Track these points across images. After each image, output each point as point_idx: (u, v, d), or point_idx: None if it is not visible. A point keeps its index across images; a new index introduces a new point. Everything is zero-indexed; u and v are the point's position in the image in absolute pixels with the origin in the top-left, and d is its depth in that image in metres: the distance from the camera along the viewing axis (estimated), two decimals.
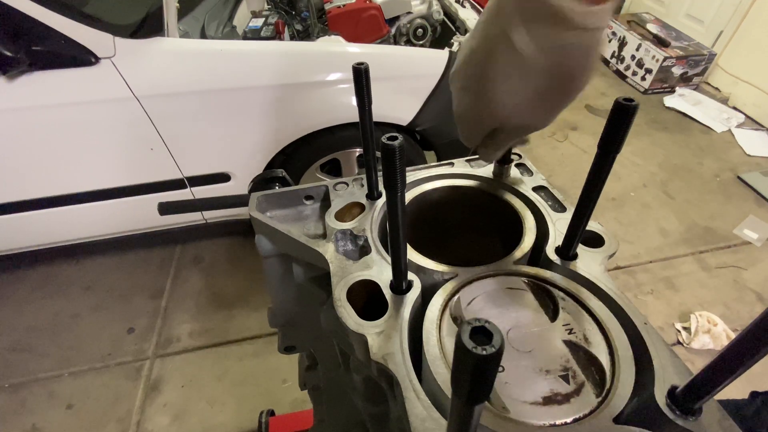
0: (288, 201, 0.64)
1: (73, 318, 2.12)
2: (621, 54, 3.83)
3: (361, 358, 0.45)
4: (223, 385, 1.87)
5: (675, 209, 2.64)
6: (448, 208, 0.63)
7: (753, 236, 2.44)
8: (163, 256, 2.39)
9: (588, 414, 0.36)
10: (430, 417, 0.36)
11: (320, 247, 0.53)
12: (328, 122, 1.78)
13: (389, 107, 1.81)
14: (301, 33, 2.27)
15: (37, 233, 1.96)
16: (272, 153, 1.85)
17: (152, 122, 1.62)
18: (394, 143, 0.33)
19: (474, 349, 0.19)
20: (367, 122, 0.54)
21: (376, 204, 0.59)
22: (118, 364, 1.95)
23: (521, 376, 0.38)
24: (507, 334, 0.42)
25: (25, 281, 2.29)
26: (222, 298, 2.19)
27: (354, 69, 0.49)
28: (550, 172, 2.89)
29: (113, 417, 1.77)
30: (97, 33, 1.44)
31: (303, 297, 0.68)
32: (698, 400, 0.33)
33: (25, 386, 1.88)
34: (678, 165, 2.96)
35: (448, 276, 0.48)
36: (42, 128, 1.57)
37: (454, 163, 0.67)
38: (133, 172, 1.79)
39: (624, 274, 2.29)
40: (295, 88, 1.69)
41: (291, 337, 0.80)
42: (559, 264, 0.48)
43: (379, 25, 2.39)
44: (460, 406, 0.23)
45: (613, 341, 0.40)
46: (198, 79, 1.59)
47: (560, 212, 0.56)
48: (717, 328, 1.94)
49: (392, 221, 0.39)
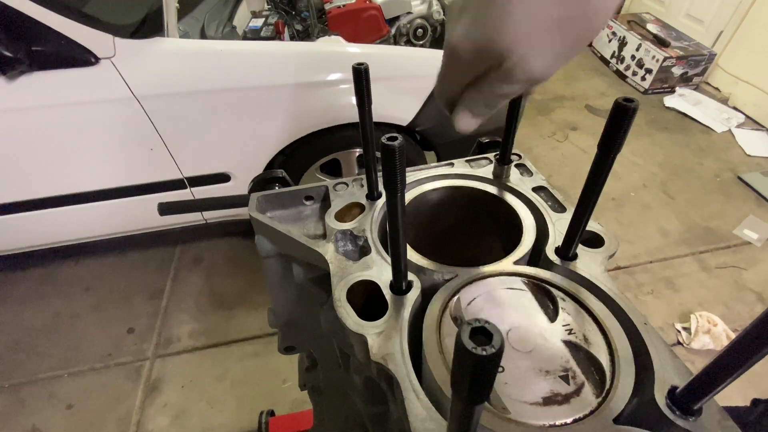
0: (288, 201, 0.64)
1: (73, 318, 2.12)
2: (621, 54, 3.83)
3: (361, 358, 0.45)
4: (223, 385, 1.87)
5: (675, 209, 2.64)
6: (448, 208, 0.63)
7: (753, 236, 2.44)
8: (163, 257, 2.39)
9: (588, 414, 0.36)
10: (430, 417, 0.36)
11: (320, 248, 0.53)
12: (328, 122, 1.78)
13: (389, 107, 1.81)
14: (301, 33, 2.27)
15: (37, 233, 1.96)
16: (272, 153, 1.85)
17: (152, 122, 1.62)
18: (394, 143, 0.33)
19: (474, 349, 0.19)
20: (367, 122, 0.54)
21: (376, 204, 0.59)
22: (118, 365, 1.95)
23: (521, 376, 0.38)
24: (507, 335, 0.42)
25: (25, 281, 2.28)
26: (222, 298, 2.19)
27: (354, 69, 0.49)
28: (550, 172, 2.89)
29: (113, 417, 1.77)
30: (97, 33, 1.44)
31: (303, 297, 0.68)
32: (698, 400, 0.33)
33: (25, 386, 1.88)
34: (678, 165, 2.96)
35: (448, 276, 0.48)
36: (42, 128, 1.57)
37: (454, 163, 0.67)
38: (133, 172, 1.79)
39: (624, 274, 2.29)
40: (295, 88, 1.69)
41: (291, 337, 0.80)
42: (559, 264, 0.48)
43: (379, 25, 2.39)
44: (460, 406, 0.23)
45: (613, 341, 0.40)
46: (198, 79, 1.59)
47: (560, 212, 0.56)
48: (717, 328, 1.94)
49: (392, 221, 0.39)
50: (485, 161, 0.67)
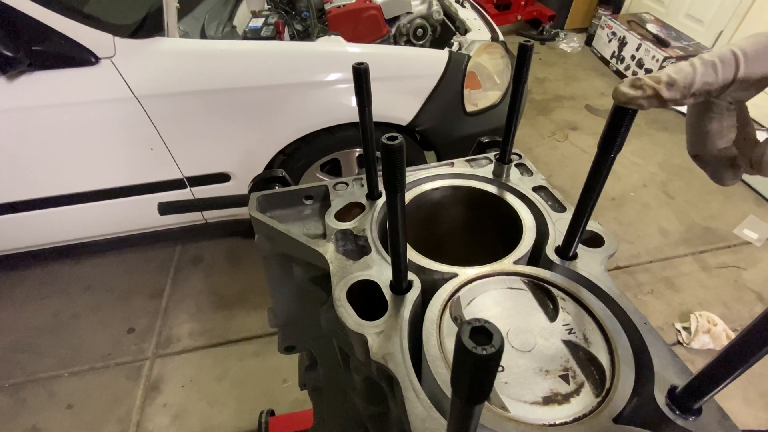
0: (288, 201, 0.64)
1: (73, 318, 2.12)
2: (621, 54, 3.83)
3: (361, 358, 0.45)
4: (223, 385, 1.87)
5: (675, 209, 2.64)
6: (448, 208, 0.63)
7: (753, 236, 2.44)
8: (163, 256, 2.39)
9: (588, 414, 0.36)
10: (430, 417, 0.36)
11: (320, 247, 0.53)
12: (328, 122, 1.78)
13: (389, 107, 1.81)
14: (301, 33, 2.27)
15: (37, 233, 1.96)
16: (272, 153, 1.85)
17: (152, 122, 1.62)
18: (394, 143, 0.33)
19: (474, 349, 0.19)
20: (367, 122, 0.54)
21: (376, 204, 0.59)
22: (118, 364, 1.95)
23: (521, 376, 0.38)
24: (507, 334, 0.42)
25: (25, 281, 2.28)
26: (222, 298, 2.19)
27: (354, 69, 0.49)
28: (550, 172, 2.89)
29: (113, 417, 1.77)
30: (97, 33, 1.44)
31: (303, 297, 0.68)
32: (698, 400, 0.33)
33: (25, 386, 1.88)
34: (678, 165, 2.96)
35: (448, 276, 0.48)
36: (42, 128, 1.57)
37: (454, 163, 0.67)
38: (133, 172, 1.79)
39: (624, 274, 2.29)
40: (295, 88, 1.69)
41: (291, 337, 0.80)
42: (559, 264, 0.48)
43: (379, 25, 2.39)
44: (460, 406, 0.23)
45: (613, 341, 0.40)
46: (198, 79, 1.59)
47: (560, 212, 0.56)
48: (717, 328, 1.94)
49: (392, 221, 0.39)
50: (485, 161, 0.67)
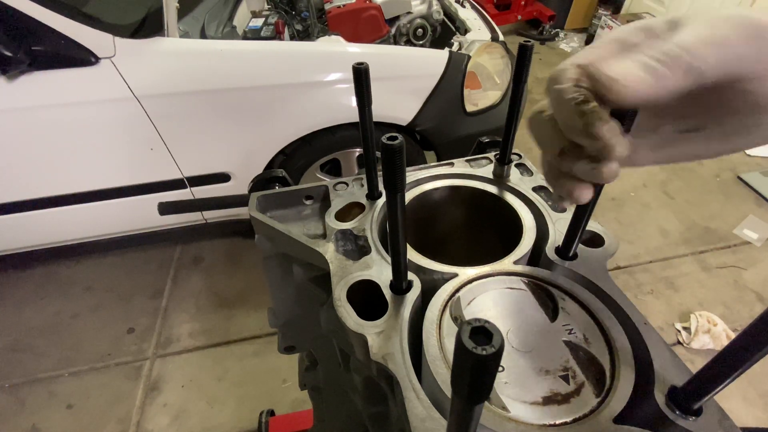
0: (288, 201, 0.64)
1: (73, 318, 2.12)
2: None
3: (361, 358, 0.45)
4: (223, 385, 1.87)
5: (675, 209, 2.64)
6: (448, 208, 0.63)
7: (753, 236, 2.44)
8: (163, 256, 2.39)
9: (588, 414, 0.36)
10: (430, 417, 0.36)
11: (320, 247, 0.53)
12: (328, 122, 1.78)
13: (389, 107, 1.81)
14: (301, 33, 2.27)
15: (37, 233, 1.96)
16: (272, 153, 1.85)
17: (152, 122, 1.62)
18: (394, 143, 0.33)
19: (474, 349, 0.19)
20: (367, 122, 0.54)
21: (376, 204, 0.59)
22: (118, 364, 1.95)
23: (521, 376, 0.38)
24: (507, 334, 0.42)
25: (25, 281, 2.28)
26: (222, 298, 2.19)
27: (354, 69, 0.49)
28: None
29: (113, 417, 1.77)
30: (97, 33, 1.44)
31: (303, 297, 0.68)
32: (698, 400, 0.33)
33: (25, 386, 1.88)
34: (678, 165, 2.95)
35: (448, 276, 0.48)
36: (42, 128, 1.57)
37: (454, 163, 0.67)
38: (133, 172, 1.79)
39: (624, 274, 2.29)
40: (295, 88, 1.69)
41: (291, 337, 0.80)
42: (559, 264, 0.48)
43: (379, 25, 2.39)
44: (460, 406, 0.23)
45: (613, 341, 0.40)
46: (198, 79, 1.59)
47: (560, 212, 0.56)
48: (717, 328, 1.94)
49: (392, 221, 0.39)
50: (485, 161, 0.67)
